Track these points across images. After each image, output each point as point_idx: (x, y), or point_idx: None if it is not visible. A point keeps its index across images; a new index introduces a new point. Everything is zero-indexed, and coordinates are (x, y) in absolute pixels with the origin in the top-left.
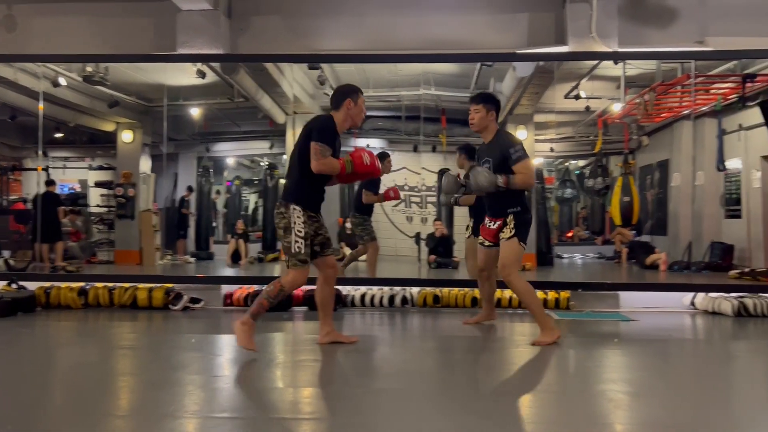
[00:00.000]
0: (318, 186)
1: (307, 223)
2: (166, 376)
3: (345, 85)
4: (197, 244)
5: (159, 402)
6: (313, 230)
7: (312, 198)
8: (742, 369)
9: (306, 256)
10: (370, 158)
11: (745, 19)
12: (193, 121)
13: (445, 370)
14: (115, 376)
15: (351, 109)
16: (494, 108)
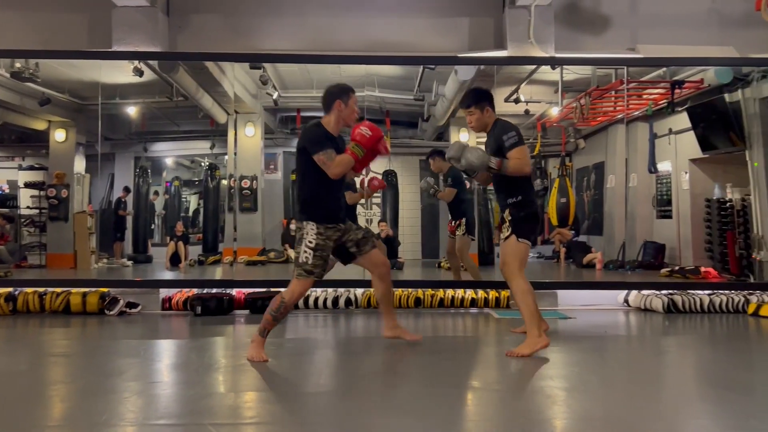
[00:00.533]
0: (329, 195)
1: (323, 236)
2: (100, 383)
3: (335, 85)
4: (135, 247)
5: (92, 410)
6: (336, 239)
7: (325, 210)
8: (672, 363)
9: (312, 267)
10: (368, 129)
11: (673, 28)
12: (130, 120)
13: (387, 370)
14: (46, 385)
15: (342, 110)
16: (488, 103)
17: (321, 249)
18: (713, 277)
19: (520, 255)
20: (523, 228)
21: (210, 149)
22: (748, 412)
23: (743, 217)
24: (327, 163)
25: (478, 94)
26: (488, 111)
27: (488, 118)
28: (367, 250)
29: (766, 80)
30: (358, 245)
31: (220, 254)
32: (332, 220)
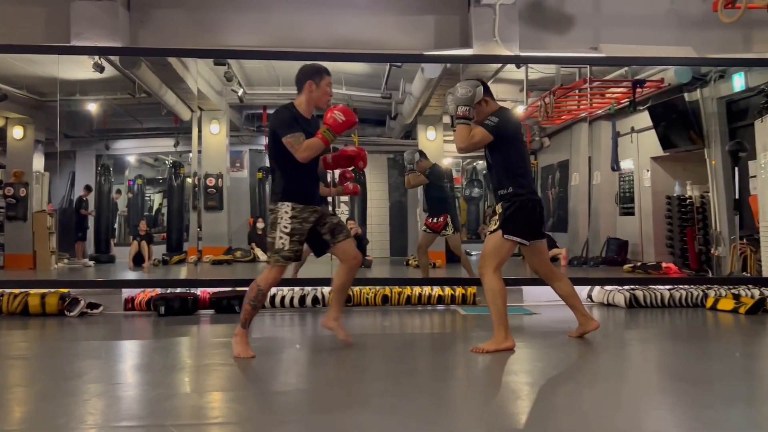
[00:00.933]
0: (304, 176)
1: (299, 218)
2: (59, 386)
3: (308, 65)
4: (97, 247)
5: (51, 414)
6: (312, 222)
7: (301, 189)
8: (633, 356)
9: (290, 252)
10: (342, 114)
11: (634, 28)
12: (91, 118)
13: (353, 367)
14: (3, 389)
15: (313, 91)
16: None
17: (298, 233)
18: (674, 273)
19: (501, 253)
20: (512, 224)
21: (174, 147)
22: (705, 403)
23: (702, 213)
24: (295, 147)
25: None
26: (486, 102)
27: (489, 108)
28: (341, 240)
29: (724, 80)
30: (332, 233)
31: (184, 254)
32: (308, 200)
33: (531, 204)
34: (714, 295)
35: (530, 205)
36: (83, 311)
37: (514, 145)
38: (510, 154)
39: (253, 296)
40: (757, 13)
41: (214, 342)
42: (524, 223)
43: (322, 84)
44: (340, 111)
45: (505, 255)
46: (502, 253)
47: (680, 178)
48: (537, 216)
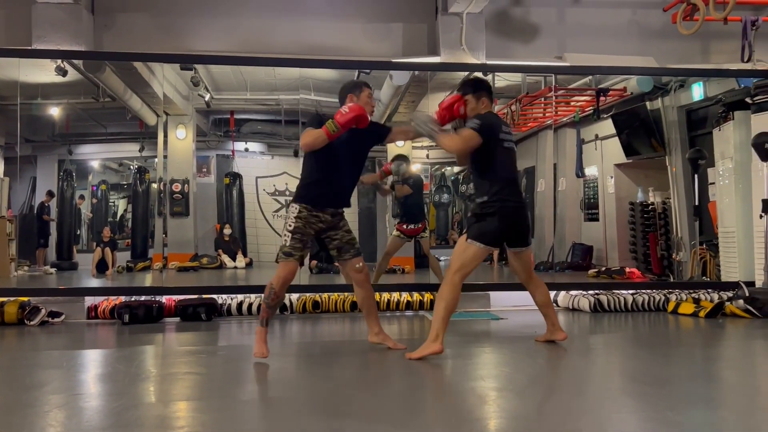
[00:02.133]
0: (321, 180)
1: (303, 219)
2: (18, 397)
3: (348, 82)
4: (59, 254)
5: (9, 426)
6: (317, 229)
7: (315, 193)
8: (597, 360)
9: (291, 249)
10: (349, 108)
11: (597, 38)
12: (53, 122)
13: (321, 375)
14: None
15: (355, 102)
16: (485, 94)
17: (300, 232)
18: (637, 277)
19: (464, 257)
20: (478, 228)
21: (139, 152)
22: (666, 404)
23: (664, 219)
24: (302, 137)
25: (475, 83)
26: (483, 102)
27: (482, 108)
28: (347, 258)
29: (684, 89)
30: (339, 250)
31: (149, 260)
32: (320, 204)
33: (507, 211)
34: (675, 299)
35: (507, 212)
36: (44, 320)
37: (497, 149)
38: (491, 159)
39: (267, 295)
40: (714, 26)
41: (179, 350)
42: (494, 228)
43: (362, 95)
44: (351, 106)
45: (468, 259)
46: (464, 257)
47: (643, 184)
48: (515, 223)
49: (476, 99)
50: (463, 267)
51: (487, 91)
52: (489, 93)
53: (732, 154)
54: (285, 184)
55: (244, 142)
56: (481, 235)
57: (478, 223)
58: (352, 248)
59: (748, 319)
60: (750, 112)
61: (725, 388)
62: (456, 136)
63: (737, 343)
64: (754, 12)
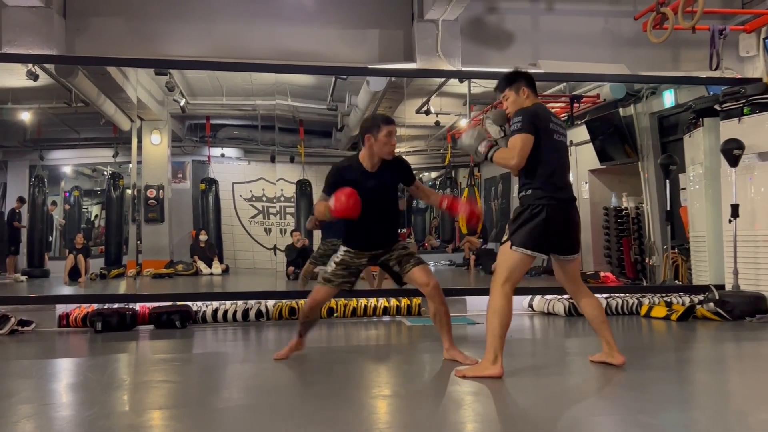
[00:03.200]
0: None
1: (351, 254)
2: None
3: (367, 119)
4: (30, 261)
5: None
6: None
7: (357, 238)
8: (572, 364)
9: (332, 276)
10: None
11: (571, 45)
12: (25, 127)
13: (296, 381)
14: None
15: (373, 144)
16: (525, 83)
17: (345, 264)
18: (611, 282)
19: (510, 266)
20: (522, 232)
21: (113, 157)
22: (639, 407)
23: (638, 224)
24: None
25: (512, 76)
26: (524, 92)
27: (526, 100)
28: (408, 269)
29: (656, 96)
30: (399, 263)
31: (123, 267)
32: (365, 247)
33: (551, 210)
34: (648, 303)
35: (550, 211)
36: (14, 329)
37: (546, 140)
38: (538, 151)
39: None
40: (684, 34)
41: (153, 358)
42: (538, 232)
43: (380, 136)
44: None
45: (515, 268)
46: (510, 266)
47: (617, 190)
48: (565, 225)
49: (515, 91)
50: (510, 276)
51: (525, 79)
52: (529, 82)
53: (702, 160)
54: (261, 189)
55: (220, 147)
56: (527, 241)
57: (522, 227)
58: (412, 258)
59: (718, 321)
60: (719, 119)
61: (697, 391)
62: (506, 150)
63: (708, 346)
64: (721, 21)
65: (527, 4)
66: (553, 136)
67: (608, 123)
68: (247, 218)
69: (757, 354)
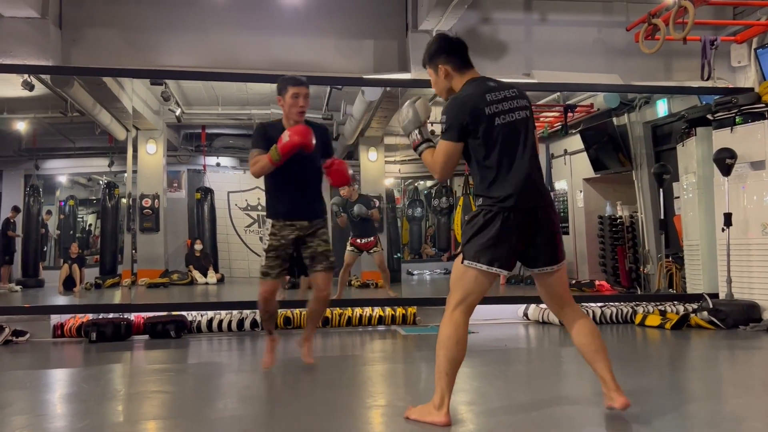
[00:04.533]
0: (285, 193)
1: (277, 235)
2: None
3: (281, 78)
4: (24, 271)
5: None
6: (292, 239)
7: (281, 207)
8: (568, 373)
9: (267, 268)
10: (293, 132)
11: (564, 55)
12: (20, 136)
13: (292, 392)
14: None
15: (283, 105)
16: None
17: (274, 249)
18: (606, 290)
19: (463, 285)
20: (474, 244)
21: (108, 167)
22: (633, 416)
23: (632, 232)
24: (250, 162)
25: (431, 47)
26: (443, 70)
27: (450, 82)
28: (318, 270)
29: (649, 106)
30: (312, 259)
31: (118, 277)
32: (290, 216)
33: (509, 213)
34: (642, 311)
35: (508, 214)
36: (8, 339)
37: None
38: (481, 147)
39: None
40: (676, 45)
41: (148, 369)
42: (494, 242)
43: (287, 97)
44: (293, 131)
45: (470, 286)
46: (465, 285)
47: (611, 198)
48: (528, 231)
49: (434, 70)
50: (464, 298)
51: (445, 51)
52: (449, 52)
53: (695, 169)
54: (257, 199)
55: (215, 156)
56: (480, 253)
57: (475, 236)
58: (326, 260)
59: (712, 330)
60: (712, 128)
61: (691, 399)
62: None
63: (702, 354)
64: (713, 32)
65: (521, 15)
66: (494, 121)
67: (602, 132)
68: (243, 227)
69: (750, 361)
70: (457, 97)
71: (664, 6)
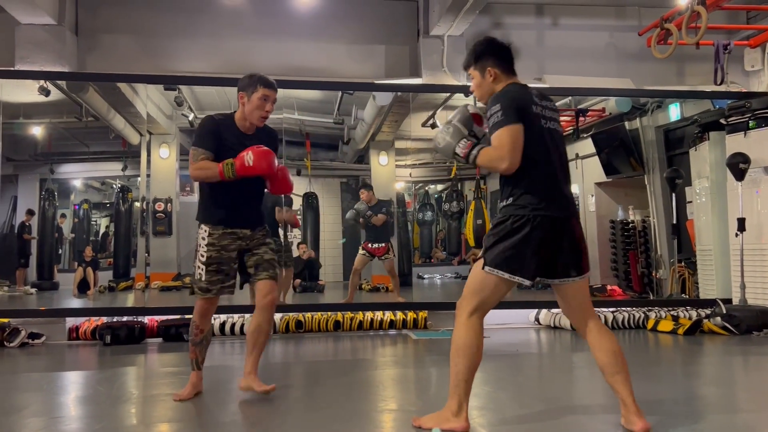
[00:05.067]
0: (227, 194)
1: (216, 246)
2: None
3: (246, 76)
4: (39, 274)
5: None
6: (234, 250)
7: (221, 209)
8: (579, 378)
9: (206, 284)
10: (255, 157)
11: (576, 60)
12: (35, 141)
13: (304, 395)
14: None
15: (245, 104)
16: (494, 62)
17: (215, 262)
18: (618, 295)
19: (481, 291)
20: (497, 250)
21: (122, 171)
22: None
23: (644, 237)
24: (191, 161)
25: (477, 47)
26: (492, 73)
27: (494, 84)
28: (262, 277)
29: (661, 110)
30: (256, 267)
31: (132, 280)
32: (230, 222)
33: (540, 224)
34: (654, 316)
35: (538, 225)
36: (24, 342)
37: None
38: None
39: (192, 332)
40: (688, 49)
41: (161, 372)
42: (519, 251)
43: (254, 97)
44: (258, 155)
45: (488, 294)
46: (484, 290)
47: (623, 203)
48: (556, 242)
49: (480, 72)
50: (481, 304)
51: (495, 55)
52: (500, 58)
53: (708, 174)
54: None
55: None
56: (504, 261)
57: (499, 243)
58: (271, 269)
59: (725, 336)
60: (725, 133)
61: (704, 405)
62: (492, 150)
63: (715, 360)
64: (726, 36)
65: (532, 20)
66: (539, 122)
67: (614, 136)
68: None
69: (764, 368)
70: (508, 90)
71: (676, 11)
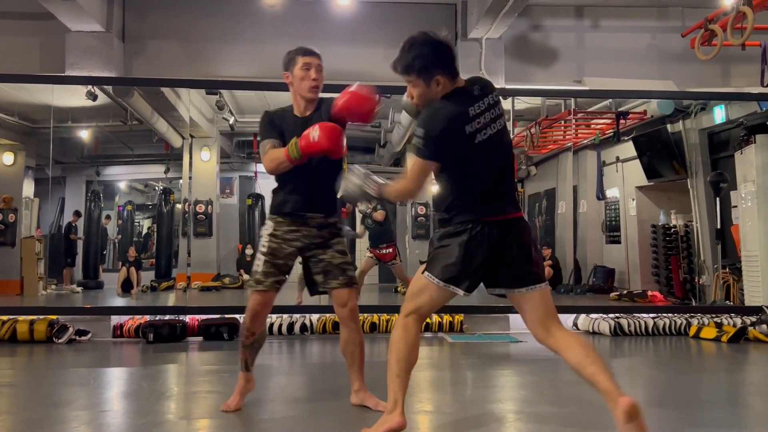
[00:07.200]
0: (295, 184)
1: (278, 238)
2: (47, 414)
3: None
4: (85, 273)
5: None
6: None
7: (287, 201)
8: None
9: (262, 276)
10: (321, 131)
11: (616, 62)
12: (83, 144)
13: (341, 395)
14: None
15: (293, 83)
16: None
17: (273, 255)
18: (659, 301)
19: (420, 295)
20: (436, 257)
21: (164, 173)
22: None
23: (687, 242)
24: (261, 155)
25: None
26: (441, 82)
27: (441, 92)
28: (334, 287)
29: (705, 112)
30: (325, 274)
31: (173, 280)
32: (296, 215)
33: (480, 230)
34: (697, 323)
35: (478, 232)
36: (71, 338)
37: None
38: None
39: (240, 333)
40: (733, 50)
41: (202, 369)
42: (457, 259)
43: (296, 71)
44: (322, 129)
45: (426, 299)
46: (422, 295)
47: (665, 207)
48: (495, 252)
49: (426, 82)
50: (418, 307)
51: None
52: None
53: (754, 178)
54: None
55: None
56: (441, 269)
57: (438, 250)
58: (343, 275)
59: None
60: None
61: (748, 414)
62: (401, 182)
63: (761, 369)
64: None
65: (572, 22)
66: (474, 140)
67: (656, 139)
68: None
69: None
70: (439, 112)
71: (721, 11)
